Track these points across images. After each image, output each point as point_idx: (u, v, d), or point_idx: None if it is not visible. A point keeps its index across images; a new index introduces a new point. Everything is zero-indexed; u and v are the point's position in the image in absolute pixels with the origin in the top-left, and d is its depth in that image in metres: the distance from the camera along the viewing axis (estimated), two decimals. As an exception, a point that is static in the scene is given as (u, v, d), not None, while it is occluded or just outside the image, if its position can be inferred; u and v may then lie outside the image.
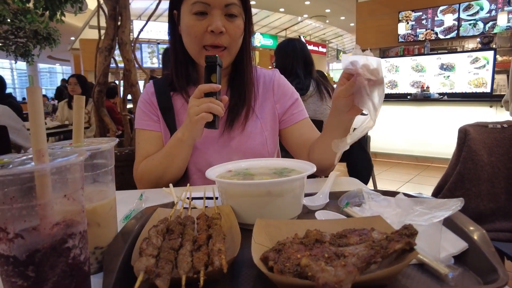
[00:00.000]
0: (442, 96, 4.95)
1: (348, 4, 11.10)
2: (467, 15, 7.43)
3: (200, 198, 0.72)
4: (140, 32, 2.41)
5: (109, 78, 2.40)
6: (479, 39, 6.68)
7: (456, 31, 7.64)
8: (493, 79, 4.76)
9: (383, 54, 8.47)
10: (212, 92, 0.86)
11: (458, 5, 7.52)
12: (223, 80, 1.10)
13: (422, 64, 5.31)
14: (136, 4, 10.26)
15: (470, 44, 7.67)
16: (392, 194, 0.69)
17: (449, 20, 7.66)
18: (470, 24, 7.44)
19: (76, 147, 0.51)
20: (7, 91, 3.69)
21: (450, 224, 0.54)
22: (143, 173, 1.03)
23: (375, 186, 3.11)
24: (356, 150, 2.33)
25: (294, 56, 2.33)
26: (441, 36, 7.87)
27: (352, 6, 9.71)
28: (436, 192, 1.51)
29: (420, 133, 4.92)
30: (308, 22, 16.56)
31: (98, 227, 0.51)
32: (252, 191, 0.62)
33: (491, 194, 1.41)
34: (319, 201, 0.73)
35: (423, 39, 7.80)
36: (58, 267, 0.38)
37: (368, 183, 2.57)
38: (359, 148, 2.35)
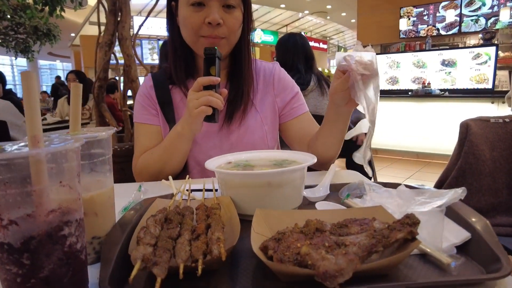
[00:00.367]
0: (443, 92, 4.92)
1: (349, 0, 11.04)
2: (469, 11, 7.38)
3: (200, 190, 0.71)
4: (140, 27, 2.39)
5: (109, 74, 2.39)
6: (481, 35, 6.65)
7: (458, 27, 7.59)
8: (494, 75, 4.74)
9: (384, 50, 8.43)
10: (211, 85, 0.84)
11: (460, 0, 7.47)
12: (223, 73, 1.08)
13: (423, 60, 5.28)
14: (137, 0, 10.21)
15: (472, 40, 7.62)
16: (393, 186, 0.69)
17: (451, 16, 7.62)
18: (472, 20, 7.40)
19: (73, 135, 0.50)
20: (7, 87, 3.68)
21: (452, 215, 0.53)
22: (142, 167, 1.02)
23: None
24: (355, 146, 2.32)
25: (294, 51, 2.30)
26: (442, 32, 7.82)
27: (353, 2, 9.65)
28: (437, 187, 1.49)
29: (421, 129, 4.90)
30: (309, 18, 16.48)
31: (95, 216, 0.51)
32: (252, 182, 0.62)
33: (492, 189, 1.41)
34: (320, 192, 0.72)
35: (425, 35, 7.76)
36: (54, 255, 0.37)
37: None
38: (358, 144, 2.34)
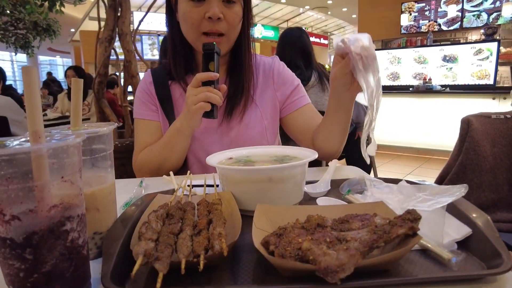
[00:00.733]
0: (444, 88, 4.91)
1: (350, -5, 10.97)
2: (471, 6, 7.33)
3: (201, 186, 0.71)
4: (141, 23, 2.39)
5: (109, 70, 2.38)
6: (482, 31, 6.60)
7: (459, 23, 7.54)
8: (496, 71, 4.72)
9: (385, 45, 8.39)
10: (210, 81, 0.84)
11: (462, -5, 7.42)
12: (222, 68, 1.08)
13: (424, 56, 5.27)
14: (137, -5, 10.16)
15: (474, 36, 7.57)
16: (394, 181, 0.69)
17: (452, 11, 7.56)
18: (474, 15, 7.34)
19: (74, 131, 0.50)
20: (7, 83, 3.68)
21: (453, 210, 0.53)
22: (142, 163, 1.02)
23: (376, 178, 3.11)
24: (355, 142, 2.32)
25: (291, 46, 2.23)
26: (444, 28, 7.77)
27: (354, -3, 9.58)
28: (437, 183, 1.50)
29: (421, 125, 4.89)
30: (309, 14, 16.37)
31: (97, 212, 0.51)
32: (253, 177, 0.62)
33: (493, 185, 1.40)
34: (321, 188, 0.72)
35: (426, 31, 7.71)
36: (56, 250, 0.37)
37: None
38: (358, 140, 2.33)
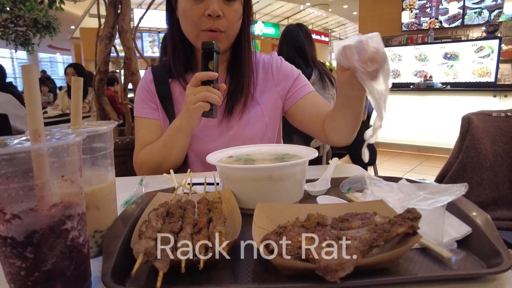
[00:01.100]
0: (445, 86, 4.90)
1: (351, -8, 10.93)
2: (473, 3, 7.29)
3: (201, 184, 0.72)
4: (141, 20, 2.38)
5: (109, 67, 2.38)
6: (484, 28, 6.57)
7: (460, 20, 7.51)
8: (497, 68, 4.71)
9: (386, 43, 8.33)
10: (210, 80, 0.83)
11: (463, -8, 7.38)
12: (222, 66, 1.08)
13: (425, 53, 5.25)
14: (137, -7, 10.12)
15: (475, 33, 7.54)
16: (394, 180, 0.69)
17: (453, 8, 7.53)
18: (475, 13, 7.31)
19: (74, 130, 0.50)
20: (7, 81, 3.68)
21: (453, 209, 0.53)
22: (142, 161, 1.03)
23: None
24: (358, 143, 2.31)
25: (288, 44, 2.21)
26: (445, 25, 7.74)
27: (355, -6, 9.54)
28: (438, 181, 1.50)
29: (422, 123, 4.89)
30: (310, 11, 16.31)
31: (97, 210, 0.51)
32: (253, 176, 0.62)
33: (493, 183, 1.40)
34: (321, 186, 0.72)
35: (427, 28, 7.68)
36: (57, 249, 0.37)
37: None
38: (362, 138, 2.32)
